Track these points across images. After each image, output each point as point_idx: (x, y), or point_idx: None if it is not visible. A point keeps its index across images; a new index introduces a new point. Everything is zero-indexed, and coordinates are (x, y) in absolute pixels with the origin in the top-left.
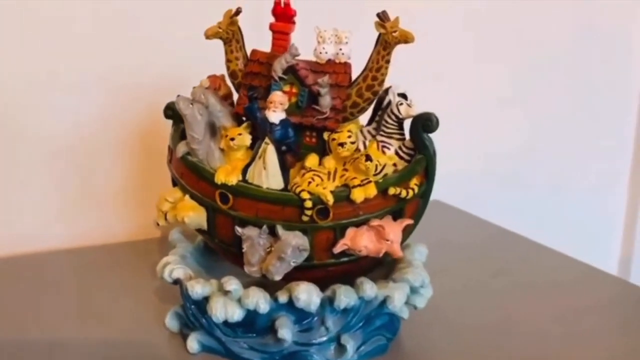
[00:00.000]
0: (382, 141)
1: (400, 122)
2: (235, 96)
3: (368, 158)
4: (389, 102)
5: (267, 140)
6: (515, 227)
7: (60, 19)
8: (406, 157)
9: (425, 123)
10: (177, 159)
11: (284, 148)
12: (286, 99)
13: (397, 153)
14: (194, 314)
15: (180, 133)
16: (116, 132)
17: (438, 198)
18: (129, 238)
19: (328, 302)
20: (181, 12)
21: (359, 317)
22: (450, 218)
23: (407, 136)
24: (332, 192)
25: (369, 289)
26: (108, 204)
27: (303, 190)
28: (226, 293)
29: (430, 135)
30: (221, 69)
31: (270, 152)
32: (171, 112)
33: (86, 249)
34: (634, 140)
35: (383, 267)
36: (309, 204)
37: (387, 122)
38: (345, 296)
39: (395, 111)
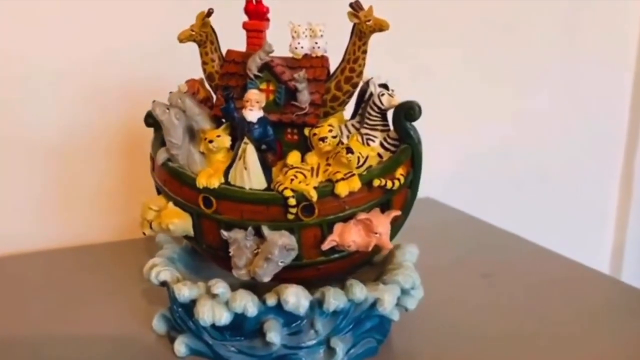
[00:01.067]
0: (366, 134)
1: (383, 113)
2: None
3: (349, 151)
4: (371, 94)
5: (245, 140)
6: (506, 225)
7: (45, 18)
8: (391, 148)
9: (408, 112)
10: (158, 166)
11: (263, 147)
12: (263, 96)
13: (382, 144)
14: (182, 316)
15: (160, 140)
16: (99, 132)
17: (427, 195)
18: (112, 238)
19: (317, 305)
20: (168, 16)
21: (349, 320)
22: (440, 215)
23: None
24: (315, 188)
25: (359, 291)
26: (90, 204)
27: (286, 188)
28: (214, 296)
29: (414, 124)
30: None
31: (250, 152)
32: (152, 120)
33: (68, 250)
34: (625, 137)
35: (373, 268)
36: (292, 201)
37: (370, 114)
38: (334, 299)
39: (377, 102)
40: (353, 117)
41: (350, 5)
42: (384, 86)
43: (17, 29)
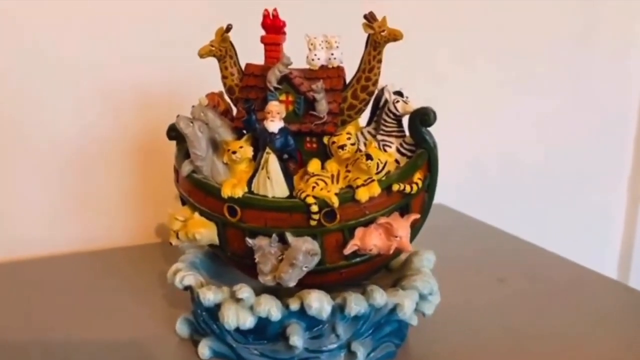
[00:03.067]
0: (382, 140)
1: (398, 120)
2: (235, 111)
3: (368, 157)
4: (386, 101)
5: (268, 150)
6: (515, 229)
7: (70, 21)
8: (408, 154)
9: (423, 117)
10: (183, 178)
11: (285, 156)
12: (283, 107)
13: (398, 150)
14: (205, 320)
15: (184, 153)
16: (118, 136)
17: (439, 201)
18: (128, 242)
19: (339, 310)
20: (186, 24)
21: (369, 324)
22: (452, 221)
23: (407, 133)
24: (336, 194)
25: (379, 296)
26: (108, 208)
27: (308, 195)
28: (238, 300)
29: (429, 129)
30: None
31: (272, 162)
32: (174, 133)
33: (84, 254)
34: (633, 142)
35: (391, 274)
36: (314, 208)
37: (385, 120)
38: (356, 304)
39: (393, 109)
40: (368, 124)
41: (365, 16)
42: (399, 93)
43: (41, 30)
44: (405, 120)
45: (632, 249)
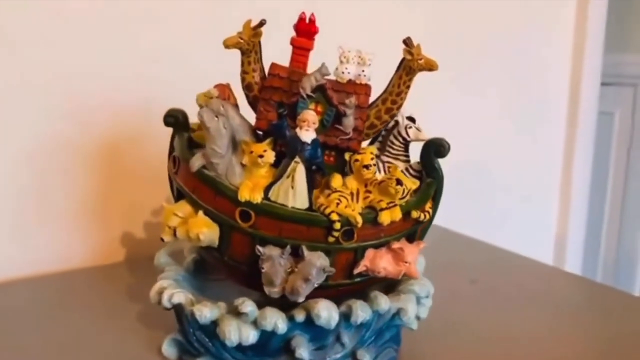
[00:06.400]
0: (387, 162)
1: (406, 145)
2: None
3: (399, 182)
4: (396, 124)
5: (297, 159)
6: (461, 229)
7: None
8: (412, 179)
9: (438, 148)
10: (188, 171)
11: (313, 167)
12: (317, 118)
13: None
14: (199, 339)
15: (186, 143)
16: (77, 147)
17: None
18: (90, 263)
19: (343, 318)
20: (146, 34)
21: (372, 331)
22: None
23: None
24: (360, 213)
25: (384, 302)
26: (65, 226)
27: (332, 211)
28: (238, 315)
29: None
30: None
31: (300, 171)
32: (172, 119)
33: (45, 276)
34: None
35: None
36: (337, 225)
37: (393, 143)
38: (362, 311)
39: (404, 133)
40: (371, 143)
41: (404, 41)
42: (411, 119)
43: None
44: (412, 146)
45: (566, 237)
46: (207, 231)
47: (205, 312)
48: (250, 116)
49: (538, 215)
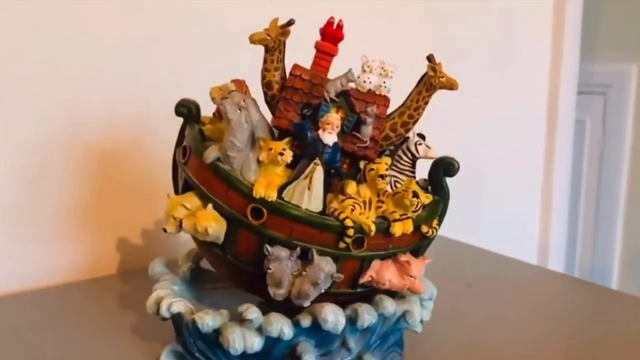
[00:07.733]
0: (394, 176)
1: (414, 161)
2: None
3: (415, 195)
4: (405, 139)
5: (317, 161)
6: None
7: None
8: None
9: (447, 167)
10: (200, 162)
11: (332, 171)
12: (340, 122)
13: None
14: (201, 349)
15: (198, 133)
16: (67, 160)
17: None
18: (81, 276)
19: (348, 322)
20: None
21: (377, 335)
22: None
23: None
24: (373, 222)
25: (390, 305)
26: (56, 238)
27: (347, 217)
28: (242, 322)
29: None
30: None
31: (318, 173)
32: (185, 109)
33: (36, 291)
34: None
35: None
36: (351, 232)
37: (401, 158)
38: (368, 314)
39: (413, 149)
40: (379, 156)
41: (428, 57)
42: (421, 136)
43: None
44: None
45: (548, 239)
46: (215, 225)
47: (207, 320)
48: (266, 114)
49: (521, 218)
